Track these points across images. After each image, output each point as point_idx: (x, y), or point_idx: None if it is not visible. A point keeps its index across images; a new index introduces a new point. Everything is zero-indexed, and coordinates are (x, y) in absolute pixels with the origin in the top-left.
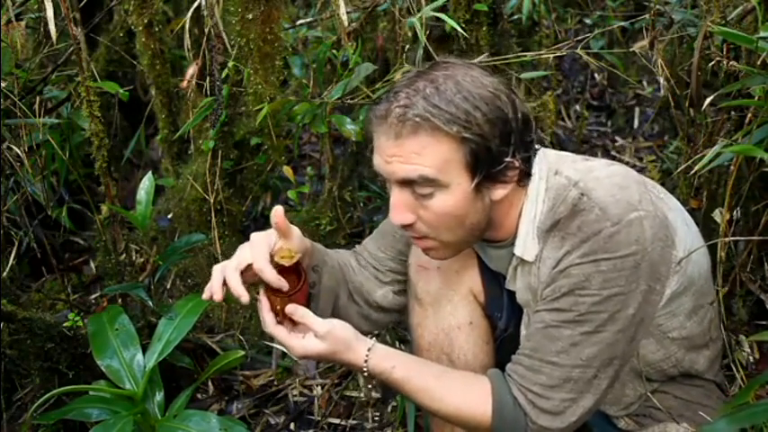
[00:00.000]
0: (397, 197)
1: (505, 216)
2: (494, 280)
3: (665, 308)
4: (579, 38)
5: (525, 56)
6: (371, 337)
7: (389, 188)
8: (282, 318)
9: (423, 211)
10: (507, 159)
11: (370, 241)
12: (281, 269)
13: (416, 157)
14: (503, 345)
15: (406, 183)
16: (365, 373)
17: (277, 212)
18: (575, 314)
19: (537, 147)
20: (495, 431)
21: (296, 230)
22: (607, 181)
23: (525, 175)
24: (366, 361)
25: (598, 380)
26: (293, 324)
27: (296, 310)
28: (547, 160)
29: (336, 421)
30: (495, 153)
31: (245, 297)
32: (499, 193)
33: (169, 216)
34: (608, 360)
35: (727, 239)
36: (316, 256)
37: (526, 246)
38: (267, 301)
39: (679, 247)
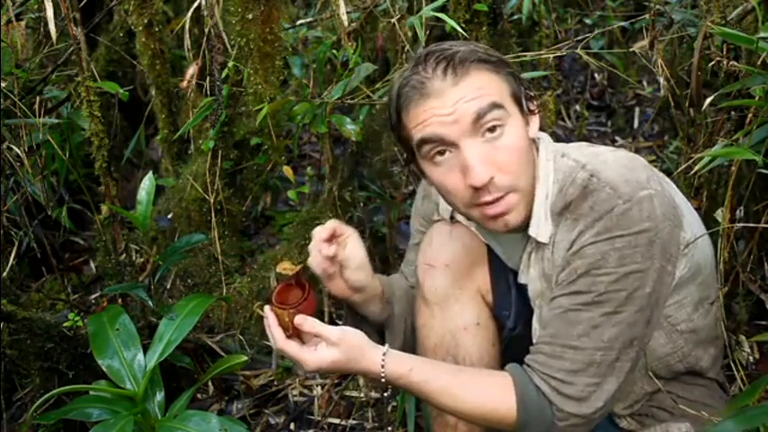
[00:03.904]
0: (472, 151)
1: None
2: (502, 277)
3: (674, 297)
4: (579, 38)
5: (525, 56)
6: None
7: (442, 162)
8: (292, 332)
9: (498, 155)
10: (525, 87)
11: (403, 264)
12: (285, 284)
13: (480, 90)
14: (510, 346)
15: (478, 123)
16: (382, 380)
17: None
18: (593, 295)
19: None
20: (522, 424)
21: (364, 263)
22: (614, 163)
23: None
24: (383, 366)
25: (620, 362)
26: (301, 341)
27: (305, 321)
28: (552, 146)
29: (336, 421)
30: (520, 79)
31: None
32: (533, 128)
33: (169, 216)
34: (629, 341)
35: (735, 225)
36: (386, 290)
37: (540, 226)
38: (274, 317)
39: (686, 229)
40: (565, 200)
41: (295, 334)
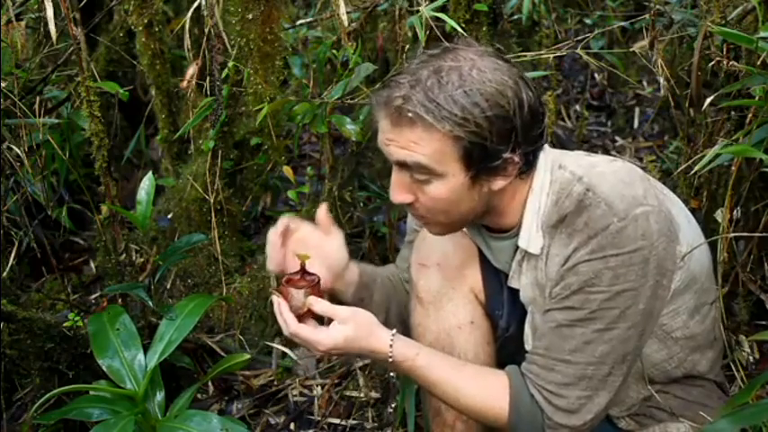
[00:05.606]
0: (397, 177)
1: (507, 205)
2: (494, 277)
3: (669, 306)
4: (579, 38)
5: (525, 56)
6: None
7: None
8: (304, 314)
9: (420, 194)
10: (506, 155)
11: (398, 258)
12: (293, 277)
13: (413, 145)
14: (504, 346)
15: (404, 166)
16: (390, 359)
17: (321, 209)
18: (586, 312)
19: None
20: (512, 426)
21: (339, 238)
22: (611, 176)
23: (527, 168)
24: (391, 346)
25: (612, 377)
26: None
27: (316, 302)
28: (551, 154)
29: (336, 421)
30: (492, 150)
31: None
32: (499, 183)
33: (169, 216)
34: (621, 357)
35: (729, 235)
36: (364, 276)
37: (530, 238)
38: (286, 299)
39: (682, 242)
40: (560, 213)
41: (306, 316)
